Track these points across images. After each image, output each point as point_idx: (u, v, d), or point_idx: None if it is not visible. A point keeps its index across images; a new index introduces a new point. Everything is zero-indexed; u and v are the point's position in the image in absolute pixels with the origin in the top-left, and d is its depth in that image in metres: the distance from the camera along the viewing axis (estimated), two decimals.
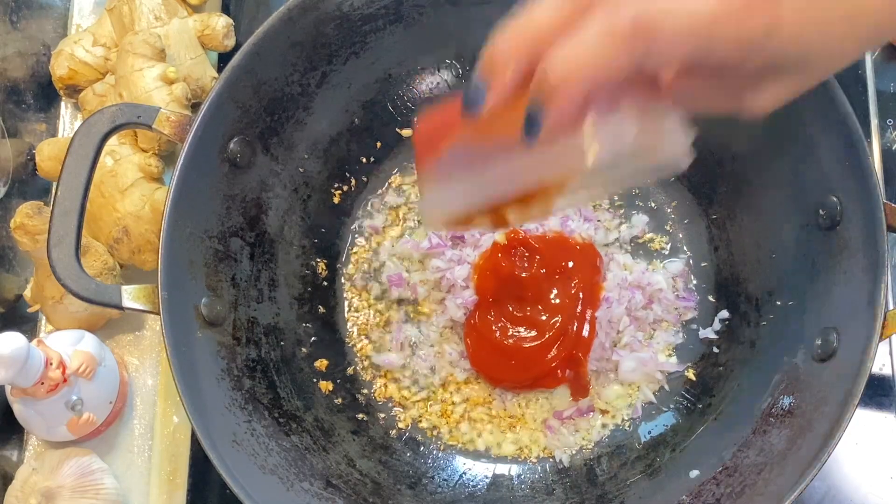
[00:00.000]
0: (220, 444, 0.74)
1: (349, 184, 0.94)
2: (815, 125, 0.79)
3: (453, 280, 0.88)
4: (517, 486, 0.86)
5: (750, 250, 0.88)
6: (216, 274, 0.82)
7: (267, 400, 0.82)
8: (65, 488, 0.83)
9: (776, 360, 0.81)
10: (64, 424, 0.85)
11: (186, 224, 0.78)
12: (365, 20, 0.86)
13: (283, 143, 0.87)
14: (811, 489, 0.80)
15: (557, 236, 0.90)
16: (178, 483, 0.89)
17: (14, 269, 0.95)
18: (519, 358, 0.86)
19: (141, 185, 0.90)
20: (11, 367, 0.76)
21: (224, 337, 0.81)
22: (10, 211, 0.91)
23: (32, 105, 0.99)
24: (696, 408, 0.86)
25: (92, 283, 0.74)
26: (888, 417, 0.90)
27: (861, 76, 1.00)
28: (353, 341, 0.91)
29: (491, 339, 0.87)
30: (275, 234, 0.88)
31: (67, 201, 0.74)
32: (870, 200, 0.74)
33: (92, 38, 0.97)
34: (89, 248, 0.87)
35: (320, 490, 0.79)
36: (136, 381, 0.93)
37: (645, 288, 0.89)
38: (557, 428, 0.87)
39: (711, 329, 0.89)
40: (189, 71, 0.96)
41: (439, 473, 0.87)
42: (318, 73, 0.87)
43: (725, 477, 0.78)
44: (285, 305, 0.88)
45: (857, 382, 0.71)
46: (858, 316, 0.73)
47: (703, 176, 0.91)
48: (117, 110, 0.76)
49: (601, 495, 0.84)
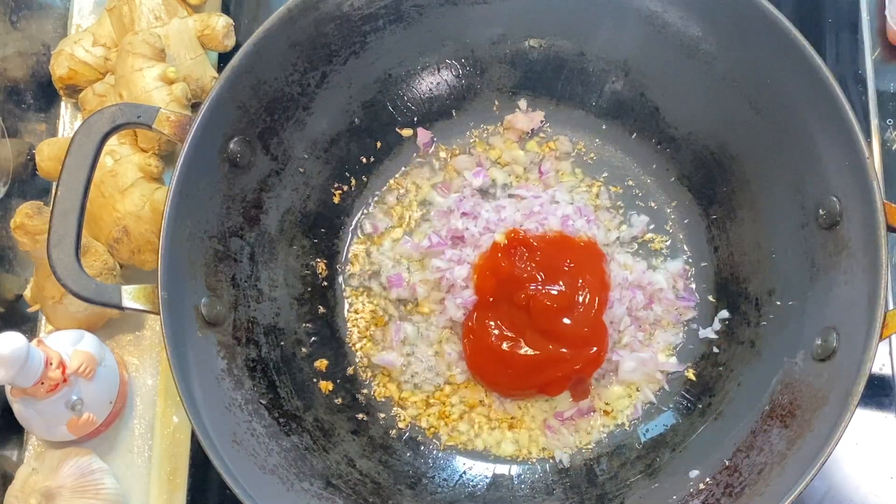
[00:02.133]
0: (220, 444, 0.74)
1: (349, 184, 0.94)
2: (815, 125, 0.79)
3: (453, 280, 0.88)
4: (517, 486, 0.86)
5: (750, 250, 0.88)
6: (216, 274, 0.82)
7: (267, 400, 0.82)
8: (65, 488, 0.83)
9: (776, 360, 0.81)
10: (64, 424, 0.85)
11: (186, 224, 0.78)
12: (365, 20, 0.86)
13: (283, 143, 0.87)
14: (811, 489, 0.80)
15: (559, 236, 0.89)
16: (178, 483, 0.89)
17: (14, 269, 0.95)
18: (517, 367, 0.86)
19: (141, 185, 0.90)
20: (11, 367, 0.76)
21: (224, 337, 0.81)
22: (10, 211, 0.91)
23: (32, 105, 0.99)
24: (696, 408, 0.86)
25: (92, 283, 0.74)
26: (888, 417, 0.90)
27: (861, 76, 1.00)
28: (352, 341, 0.91)
29: (489, 345, 0.86)
30: (275, 234, 0.88)
31: (67, 201, 0.74)
32: (870, 200, 0.74)
33: (92, 38, 0.97)
34: (89, 248, 0.87)
35: (320, 490, 0.79)
36: (136, 381, 0.93)
37: (645, 287, 0.89)
38: (557, 428, 0.87)
39: (711, 329, 0.89)
40: (189, 71, 0.96)
41: (439, 473, 0.87)
42: (318, 73, 0.87)
43: (725, 477, 0.78)
44: (285, 305, 0.88)
45: (857, 382, 0.71)
46: (858, 316, 0.74)
47: (703, 176, 0.91)
48: (117, 110, 0.76)
49: (601, 495, 0.84)
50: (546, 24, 0.91)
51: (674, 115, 0.92)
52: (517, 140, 0.96)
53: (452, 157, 0.96)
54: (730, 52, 0.84)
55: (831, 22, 1.02)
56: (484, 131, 0.96)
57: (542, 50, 0.92)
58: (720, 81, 0.86)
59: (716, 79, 0.86)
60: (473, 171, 0.94)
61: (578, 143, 0.96)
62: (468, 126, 0.96)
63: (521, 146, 0.96)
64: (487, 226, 0.90)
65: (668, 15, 0.86)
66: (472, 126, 0.96)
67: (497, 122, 0.96)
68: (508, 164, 0.95)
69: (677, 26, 0.86)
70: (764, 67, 0.82)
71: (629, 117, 0.94)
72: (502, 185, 0.94)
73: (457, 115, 0.96)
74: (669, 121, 0.92)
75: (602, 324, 0.86)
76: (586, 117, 0.95)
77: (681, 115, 0.91)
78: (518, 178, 0.95)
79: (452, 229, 0.91)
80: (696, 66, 0.87)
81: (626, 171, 0.95)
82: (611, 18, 0.88)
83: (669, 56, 0.88)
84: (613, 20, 0.88)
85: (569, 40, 0.91)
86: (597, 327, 0.85)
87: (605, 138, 0.95)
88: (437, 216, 0.93)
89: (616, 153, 0.95)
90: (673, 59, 0.88)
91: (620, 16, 0.88)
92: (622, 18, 0.88)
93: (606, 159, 0.95)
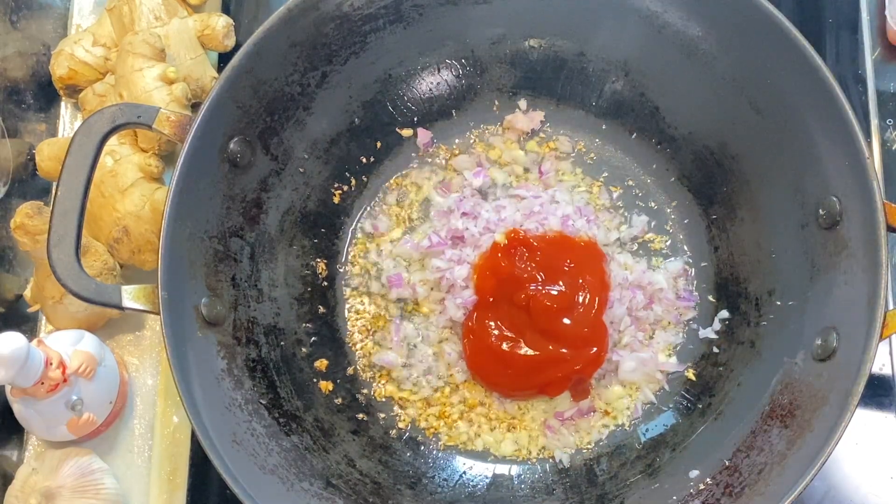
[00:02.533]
0: (220, 444, 0.74)
1: (349, 184, 0.94)
2: (815, 125, 0.79)
3: (453, 280, 0.88)
4: (517, 486, 0.86)
5: (750, 250, 0.88)
6: (216, 274, 0.82)
7: (267, 400, 0.82)
8: (65, 488, 0.83)
9: (776, 360, 0.81)
10: (64, 424, 0.85)
11: (186, 224, 0.78)
12: (365, 20, 0.86)
13: (283, 143, 0.87)
14: (811, 489, 0.80)
15: (559, 236, 0.89)
16: (178, 483, 0.89)
17: (14, 269, 0.95)
18: (517, 368, 0.86)
19: (141, 185, 0.90)
20: (11, 367, 0.76)
21: (224, 337, 0.81)
22: (10, 211, 0.91)
23: (32, 105, 0.99)
24: (696, 408, 0.86)
25: (92, 283, 0.74)
26: (888, 417, 0.90)
27: (861, 76, 1.00)
28: (352, 341, 0.91)
29: (489, 346, 0.86)
30: (275, 234, 0.88)
31: (67, 201, 0.74)
32: (870, 200, 0.74)
33: (92, 38, 0.97)
34: (89, 248, 0.87)
35: (320, 490, 0.79)
36: (136, 381, 0.93)
37: (646, 287, 0.89)
38: (557, 428, 0.87)
39: (711, 329, 0.89)
40: (189, 71, 0.96)
41: (439, 473, 0.87)
42: (318, 73, 0.87)
43: (725, 477, 0.78)
44: (285, 305, 0.88)
45: (857, 382, 0.71)
46: (858, 316, 0.73)
47: (703, 176, 0.91)
48: (117, 110, 0.76)
49: (601, 495, 0.84)
50: (546, 24, 0.91)
51: (674, 115, 0.92)
52: (517, 140, 0.96)
53: (452, 157, 0.96)
54: (730, 52, 0.84)
55: (831, 22, 1.02)
56: (484, 131, 0.96)
57: (542, 50, 0.92)
58: (720, 81, 0.86)
59: (716, 79, 0.86)
60: (473, 171, 0.94)
61: (578, 143, 0.96)
62: (468, 126, 0.96)
63: (521, 146, 0.96)
64: (487, 226, 0.90)
65: (668, 15, 0.86)
66: (472, 126, 0.96)
67: (497, 122, 0.96)
68: (508, 164, 0.95)
69: (677, 26, 0.86)
70: (764, 67, 0.82)
71: (629, 117, 0.94)
72: (502, 185, 0.94)
73: (457, 115, 0.96)
74: (669, 121, 0.92)
75: (602, 324, 0.86)
76: (586, 117, 0.95)
77: (681, 115, 0.91)
78: (518, 178, 0.95)
79: (452, 229, 0.90)
80: (696, 66, 0.87)
81: (626, 171, 0.95)
82: (611, 18, 0.88)
83: (669, 56, 0.88)
84: (613, 20, 0.88)
85: (569, 40, 0.91)
86: (597, 327, 0.85)
87: (605, 138, 0.95)
88: (437, 216, 0.93)
89: (616, 153, 0.95)
90: (673, 59, 0.88)
91: (620, 16, 0.88)
92: (622, 18, 0.88)
93: (606, 159, 0.95)
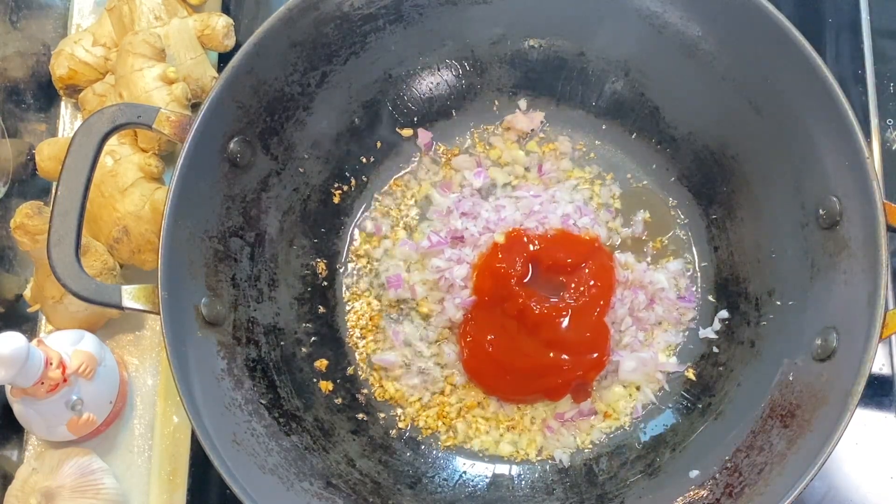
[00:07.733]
0: (220, 444, 0.74)
1: (349, 184, 0.94)
2: (815, 125, 0.79)
3: (452, 280, 0.88)
4: (517, 485, 0.86)
5: (750, 250, 0.88)
6: (216, 274, 0.82)
7: (267, 400, 0.82)
8: (65, 488, 0.83)
9: (776, 360, 0.81)
10: (64, 424, 0.85)
11: (186, 224, 0.78)
12: (365, 20, 0.86)
13: (283, 143, 0.87)
14: (811, 489, 0.80)
15: (560, 234, 0.89)
16: (178, 483, 0.89)
17: (14, 269, 0.95)
18: (516, 373, 0.86)
19: (141, 185, 0.90)
20: (11, 367, 0.76)
21: (224, 337, 0.81)
22: (10, 211, 0.91)
23: (32, 105, 0.99)
24: (696, 408, 0.86)
25: (92, 283, 0.74)
26: (888, 417, 0.90)
27: (861, 76, 1.00)
28: (352, 341, 0.91)
29: (486, 352, 0.86)
30: (275, 234, 0.88)
31: (67, 201, 0.74)
32: (869, 200, 0.74)
33: (92, 38, 0.97)
34: (89, 248, 0.87)
35: (320, 490, 0.79)
36: (136, 381, 0.93)
37: (647, 287, 0.89)
38: (557, 428, 0.87)
39: (711, 329, 0.89)
40: (189, 71, 0.96)
41: (439, 473, 0.87)
42: (318, 73, 0.87)
43: (725, 477, 0.78)
44: (285, 305, 0.88)
45: (857, 382, 0.71)
46: (858, 316, 0.73)
47: (703, 176, 0.91)
48: (117, 110, 0.76)
49: (601, 495, 0.84)
50: (546, 24, 0.91)
51: (674, 115, 0.92)
52: (517, 140, 0.96)
53: (452, 157, 0.96)
54: (730, 52, 0.84)
55: (831, 22, 1.02)
56: (484, 131, 0.96)
57: (542, 50, 0.92)
58: (720, 81, 0.86)
59: (716, 79, 0.86)
60: (473, 171, 0.94)
61: (578, 143, 0.96)
62: (468, 126, 0.96)
63: (521, 146, 0.96)
64: (487, 226, 0.90)
65: (668, 15, 0.86)
66: (472, 126, 0.96)
67: (497, 122, 0.96)
68: (508, 164, 0.95)
69: (677, 26, 0.86)
70: (764, 67, 0.82)
71: (629, 117, 0.94)
72: (502, 184, 0.94)
73: (457, 115, 0.96)
74: (669, 121, 0.92)
75: (604, 326, 0.86)
76: (586, 117, 0.95)
77: (681, 114, 0.91)
78: (518, 178, 0.95)
79: (452, 229, 0.90)
80: (696, 66, 0.87)
81: (626, 170, 0.95)
82: (611, 18, 0.88)
83: (669, 56, 0.88)
84: (613, 20, 0.88)
85: (569, 40, 0.91)
86: (599, 330, 0.85)
87: (605, 138, 0.95)
88: (437, 216, 0.93)
89: (616, 153, 0.95)
90: (673, 58, 0.88)
91: (620, 16, 0.88)
92: (622, 18, 0.88)
93: (606, 159, 0.95)
